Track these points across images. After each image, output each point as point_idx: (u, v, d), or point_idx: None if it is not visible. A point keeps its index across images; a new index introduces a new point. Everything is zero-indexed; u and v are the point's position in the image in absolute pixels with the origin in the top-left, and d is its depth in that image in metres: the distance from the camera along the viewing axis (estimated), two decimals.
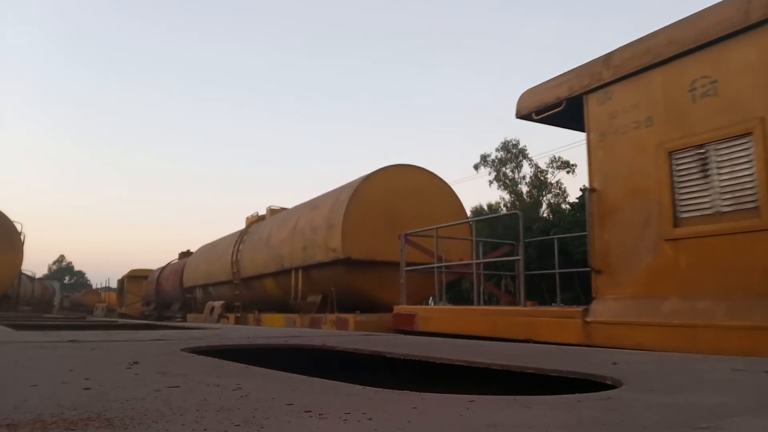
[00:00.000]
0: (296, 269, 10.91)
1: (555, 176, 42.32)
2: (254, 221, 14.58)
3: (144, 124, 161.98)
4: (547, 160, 42.07)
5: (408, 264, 8.14)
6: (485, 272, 9.08)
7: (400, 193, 10.03)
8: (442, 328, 6.75)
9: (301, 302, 10.64)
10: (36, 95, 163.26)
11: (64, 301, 45.34)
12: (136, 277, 28.25)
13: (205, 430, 1.07)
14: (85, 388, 1.58)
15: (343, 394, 1.55)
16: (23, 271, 21.87)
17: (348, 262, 9.41)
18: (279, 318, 11.49)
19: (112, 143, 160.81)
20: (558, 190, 42.12)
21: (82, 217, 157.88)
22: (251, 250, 13.26)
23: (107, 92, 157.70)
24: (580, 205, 30.69)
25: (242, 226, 16.45)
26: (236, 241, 14.11)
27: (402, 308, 7.94)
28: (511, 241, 9.18)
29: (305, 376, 1.92)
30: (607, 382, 1.89)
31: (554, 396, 1.53)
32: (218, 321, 14.66)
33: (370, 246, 9.44)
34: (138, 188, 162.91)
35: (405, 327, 7.44)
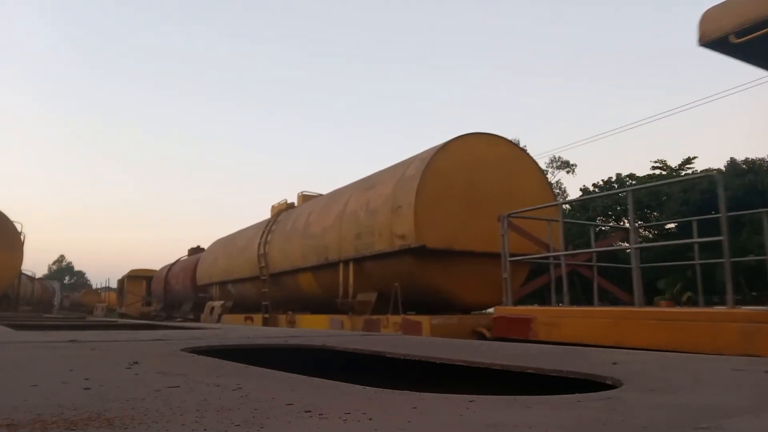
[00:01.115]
0: (345, 262, 9.13)
1: (555, 176, 42.32)
2: (283, 209, 12.80)
3: (144, 123, 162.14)
4: (547, 160, 41.99)
5: (509, 254, 6.69)
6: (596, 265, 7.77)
7: (480, 167, 8.12)
8: (582, 337, 5.20)
9: (353, 301, 8.88)
10: (36, 95, 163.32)
11: (64, 301, 45.34)
12: (136, 277, 28.26)
13: (205, 430, 1.07)
14: (85, 388, 1.58)
15: (343, 394, 1.55)
16: (23, 271, 21.86)
17: (419, 252, 7.56)
18: (321, 320, 9.74)
19: (112, 143, 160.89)
20: (558, 190, 42.16)
21: (82, 217, 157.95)
22: (282, 241, 11.52)
23: (107, 92, 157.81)
24: (580, 206, 30.43)
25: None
26: (263, 232, 12.35)
27: (508, 310, 6.42)
28: (623, 226, 7.86)
29: (305, 376, 1.92)
30: (607, 382, 1.89)
31: (554, 396, 1.53)
32: (218, 320, 14.58)
33: (448, 232, 7.61)
34: (138, 188, 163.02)
35: (515, 335, 5.96)
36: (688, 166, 30.61)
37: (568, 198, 32.55)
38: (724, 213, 4.67)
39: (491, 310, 7.50)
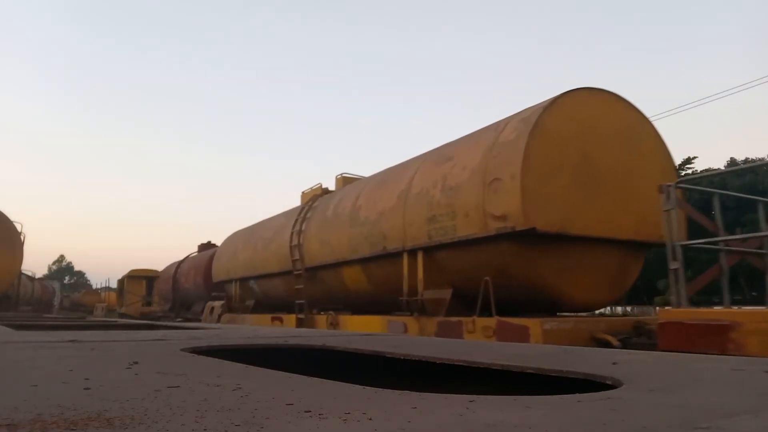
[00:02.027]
0: (412, 251, 7.47)
1: None
2: (318, 194, 11.27)
3: (144, 123, 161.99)
4: None
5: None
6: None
7: (595, 132, 6.50)
8: None
9: (422, 300, 7.25)
10: (36, 95, 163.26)
11: (64, 301, 45.31)
12: (136, 277, 28.26)
13: (205, 430, 1.07)
14: (85, 388, 1.58)
15: (343, 394, 1.55)
16: (23, 271, 21.86)
17: (522, 238, 5.92)
18: (373, 322, 8.16)
19: (112, 142, 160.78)
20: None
21: (83, 217, 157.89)
22: (321, 230, 9.91)
23: (107, 91, 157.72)
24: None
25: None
26: (295, 221, 10.77)
27: (685, 314, 4.94)
28: None
29: (305, 376, 1.92)
30: (607, 382, 1.89)
31: (554, 396, 1.53)
32: (217, 320, 14.46)
33: (561, 212, 6.02)
34: (138, 188, 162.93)
35: (704, 347, 4.50)
36: (688, 165, 30.61)
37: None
38: None
39: (603, 310, 6.53)
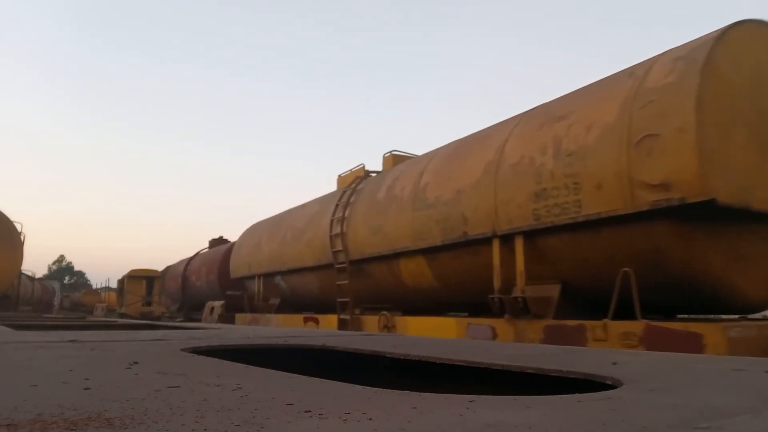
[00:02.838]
0: (506, 237, 6.03)
1: None
2: (361, 177, 9.75)
3: (144, 122, 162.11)
4: None
5: None
6: None
7: None
8: None
9: (527, 298, 5.77)
10: (36, 95, 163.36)
11: (64, 301, 45.32)
12: (136, 277, 28.26)
13: (205, 430, 1.07)
14: (85, 388, 1.58)
15: (343, 394, 1.55)
16: (23, 271, 21.85)
17: (688, 214, 4.56)
18: (448, 325, 6.80)
19: (112, 143, 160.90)
20: None
21: (82, 217, 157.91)
22: (371, 215, 8.42)
23: (107, 92, 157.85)
24: None
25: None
26: (336, 206, 9.34)
27: None
28: None
29: (305, 376, 1.92)
30: (607, 382, 1.89)
31: (554, 396, 1.53)
32: (217, 320, 14.36)
33: (740, 180, 4.61)
34: (139, 188, 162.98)
35: None
36: None
37: None
38: None
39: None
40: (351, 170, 10.44)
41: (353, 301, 8.90)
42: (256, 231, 13.37)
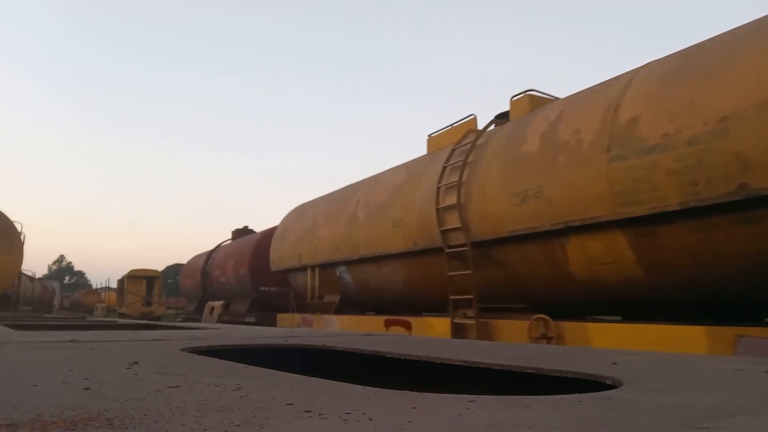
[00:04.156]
0: None
1: None
2: (473, 130, 7.29)
3: (144, 123, 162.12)
4: None
5: None
6: None
7: None
8: None
9: None
10: (36, 96, 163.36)
11: (64, 301, 45.38)
12: (136, 277, 28.26)
13: (205, 430, 1.07)
14: (85, 388, 1.58)
15: (343, 394, 1.55)
16: (23, 271, 21.86)
17: None
18: (688, 336, 4.58)
19: (111, 143, 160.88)
20: None
21: (82, 217, 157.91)
22: (513, 177, 6.04)
23: (107, 93, 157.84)
24: None
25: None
26: (444, 169, 7.05)
27: None
28: None
29: (305, 376, 1.92)
30: (607, 382, 1.89)
31: (554, 396, 1.53)
32: (217, 320, 14.18)
33: None
34: (139, 188, 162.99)
35: None
36: None
37: None
38: None
39: None
40: (453, 125, 7.89)
41: (476, 299, 6.50)
42: (306, 212, 10.87)
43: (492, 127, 7.27)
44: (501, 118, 7.37)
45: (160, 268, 25.70)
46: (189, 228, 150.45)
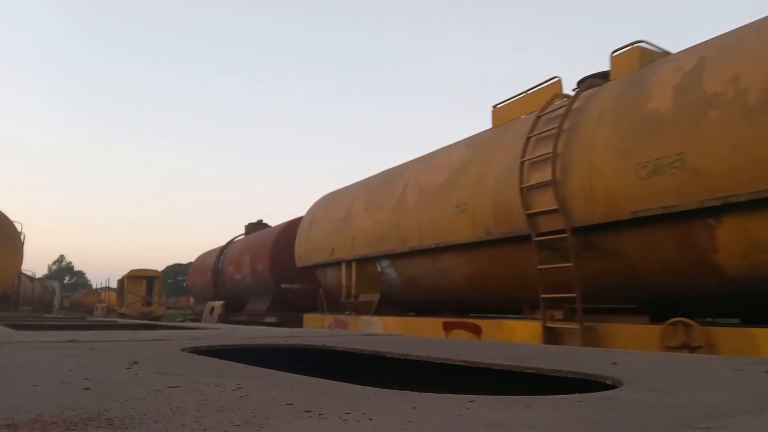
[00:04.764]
0: None
1: None
2: (559, 95, 6.25)
3: (144, 123, 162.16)
4: None
5: None
6: None
7: None
8: None
9: None
10: (35, 94, 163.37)
11: (64, 301, 45.39)
12: (136, 277, 28.27)
13: (205, 430, 1.07)
14: (85, 388, 1.58)
15: (343, 394, 1.55)
16: (23, 271, 21.85)
17: None
18: None
19: (111, 143, 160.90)
20: None
21: (82, 217, 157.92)
22: (634, 143, 4.90)
23: (107, 90, 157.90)
24: None
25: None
26: (528, 140, 5.87)
27: None
28: None
29: (305, 376, 1.92)
30: (607, 382, 1.89)
31: (554, 396, 1.53)
32: (217, 321, 14.08)
33: None
34: (139, 188, 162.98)
35: None
36: None
37: None
38: None
39: None
40: (537, 87, 6.67)
41: (580, 298, 5.22)
42: (339, 200, 9.70)
43: (584, 92, 5.83)
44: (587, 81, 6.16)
45: (160, 268, 25.74)
46: (189, 228, 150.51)
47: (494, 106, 7.36)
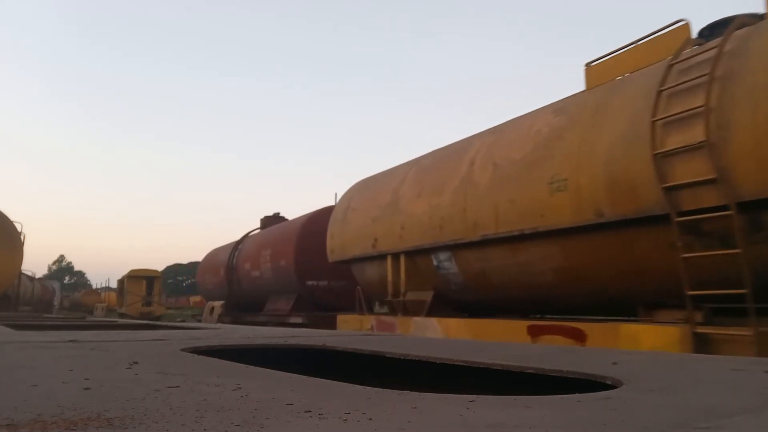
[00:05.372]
0: None
1: None
2: (691, 42, 5.15)
3: (144, 123, 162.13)
4: None
5: None
6: None
7: None
8: None
9: None
10: (36, 94, 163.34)
11: (64, 301, 45.41)
12: (136, 277, 28.29)
13: (205, 430, 1.07)
14: (85, 388, 1.58)
15: (343, 394, 1.55)
16: (23, 271, 21.84)
17: None
18: None
19: (111, 142, 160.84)
20: None
21: (82, 217, 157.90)
22: None
23: (107, 90, 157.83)
24: None
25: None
26: (658, 94, 4.69)
27: None
28: None
29: (305, 376, 1.92)
30: (607, 382, 1.89)
31: (554, 396, 1.53)
32: (217, 321, 13.98)
33: None
34: (139, 188, 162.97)
35: None
36: None
37: None
38: None
39: None
40: (632, 44, 5.78)
41: (752, 296, 4.09)
42: (382, 184, 8.48)
43: (736, 32, 4.60)
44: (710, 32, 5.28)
45: (160, 268, 25.76)
46: (189, 228, 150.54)
47: (587, 65, 6.19)
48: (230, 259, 14.98)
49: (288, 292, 12.01)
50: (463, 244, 6.55)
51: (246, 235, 15.43)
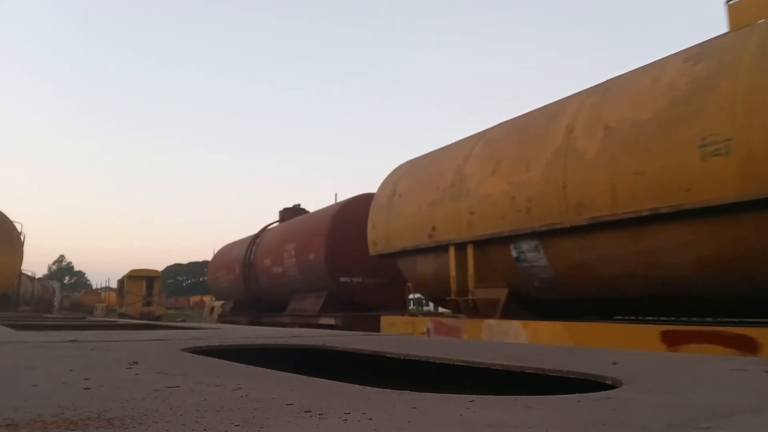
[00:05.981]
0: None
1: None
2: None
3: (144, 122, 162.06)
4: None
5: None
6: None
7: None
8: None
9: None
10: (36, 94, 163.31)
11: (64, 301, 45.44)
12: (136, 277, 28.31)
13: (205, 430, 1.07)
14: (85, 388, 1.58)
15: (343, 394, 1.55)
16: (23, 271, 21.85)
17: None
18: None
19: (112, 142, 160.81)
20: None
21: (82, 217, 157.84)
22: None
23: (107, 90, 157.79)
24: None
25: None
26: None
27: None
28: None
29: (305, 376, 1.92)
30: (607, 382, 1.89)
31: (554, 396, 1.53)
32: (216, 321, 13.99)
33: None
34: (139, 188, 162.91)
35: None
36: None
37: None
38: None
39: None
40: None
41: None
42: (439, 163, 7.32)
43: None
44: None
45: (160, 268, 25.77)
46: (189, 228, 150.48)
47: (729, 3, 5.18)
48: (247, 255, 13.62)
49: (317, 290, 10.73)
50: (559, 230, 5.32)
51: (264, 229, 14.17)
